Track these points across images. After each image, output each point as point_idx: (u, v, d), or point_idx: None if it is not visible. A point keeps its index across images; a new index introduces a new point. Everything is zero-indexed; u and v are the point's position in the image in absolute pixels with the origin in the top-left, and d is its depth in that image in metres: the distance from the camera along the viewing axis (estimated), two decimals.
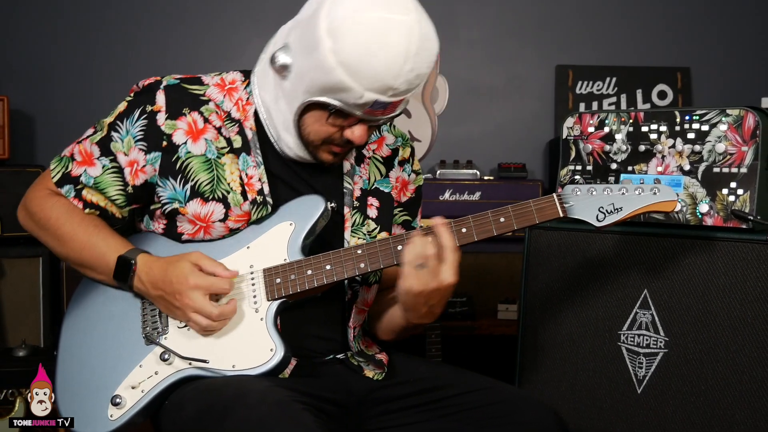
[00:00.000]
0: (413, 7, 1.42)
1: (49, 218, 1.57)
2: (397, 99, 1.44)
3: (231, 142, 1.57)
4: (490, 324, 3.10)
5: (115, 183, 1.56)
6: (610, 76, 3.59)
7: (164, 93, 1.56)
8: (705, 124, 1.78)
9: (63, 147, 1.64)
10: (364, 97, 1.41)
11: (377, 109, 1.44)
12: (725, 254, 1.73)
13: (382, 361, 1.66)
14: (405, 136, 1.79)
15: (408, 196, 1.78)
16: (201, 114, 1.57)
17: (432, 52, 1.44)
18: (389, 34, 1.37)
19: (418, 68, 1.41)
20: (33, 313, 2.94)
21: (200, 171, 1.55)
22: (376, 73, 1.38)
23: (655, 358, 1.81)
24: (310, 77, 1.43)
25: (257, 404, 1.32)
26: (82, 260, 1.57)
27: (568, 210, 1.49)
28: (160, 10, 3.45)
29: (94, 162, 1.57)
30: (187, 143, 1.55)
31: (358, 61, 1.37)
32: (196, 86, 1.60)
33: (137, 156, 1.55)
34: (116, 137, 1.56)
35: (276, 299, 1.51)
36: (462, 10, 3.60)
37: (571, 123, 1.99)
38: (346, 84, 1.40)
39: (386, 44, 1.37)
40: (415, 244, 1.45)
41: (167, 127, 1.55)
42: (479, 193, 3.22)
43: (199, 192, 1.54)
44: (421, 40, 1.40)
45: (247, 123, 1.59)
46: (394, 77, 1.39)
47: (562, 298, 1.97)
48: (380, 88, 1.40)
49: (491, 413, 1.54)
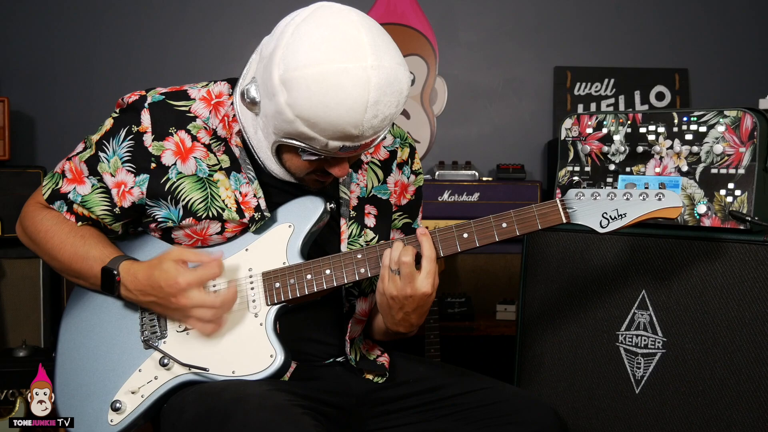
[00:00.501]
0: (371, 51, 1.31)
1: (39, 231, 1.55)
2: (365, 141, 1.38)
3: (220, 161, 1.53)
4: (489, 324, 3.11)
5: (102, 203, 1.53)
6: (608, 78, 3.60)
7: (149, 112, 1.49)
8: (703, 126, 1.78)
9: (63, 148, 1.64)
10: (329, 145, 1.36)
11: (347, 151, 1.39)
12: (723, 255, 1.72)
13: (384, 365, 1.65)
14: (404, 136, 1.74)
15: (408, 198, 1.74)
16: (188, 132, 1.52)
17: (397, 95, 1.35)
18: (344, 88, 1.28)
19: (382, 113, 1.33)
20: (33, 313, 2.96)
21: (193, 190, 1.51)
22: (335, 125, 1.31)
23: (653, 358, 1.81)
24: (274, 122, 1.38)
25: (257, 408, 1.31)
26: (73, 271, 1.54)
27: (572, 215, 1.46)
28: (160, 13, 3.46)
29: (84, 180, 1.53)
30: (176, 164, 1.51)
31: (314, 115, 1.31)
32: (182, 102, 1.52)
33: (125, 177, 1.51)
34: (103, 157, 1.51)
35: (275, 304, 1.49)
36: (461, 13, 3.61)
37: (569, 124, 1.98)
38: (308, 134, 1.34)
39: (342, 98, 1.29)
40: (394, 248, 1.45)
41: (155, 149, 1.50)
42: (478, 194, 3.23)
43: (192, 211, 1.51)
44: (381, 86, 1.31)
45: (233, 140, 1.54)
46: (355, 127, 1.32)
47: (561, 299, 1.97)
48: (343, 137, 1.34)
49: (491, 413, 1.54)
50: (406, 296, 1.45)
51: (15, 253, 2.91)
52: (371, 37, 1.33)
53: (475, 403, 1.56)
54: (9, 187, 2.84)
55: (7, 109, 2.98)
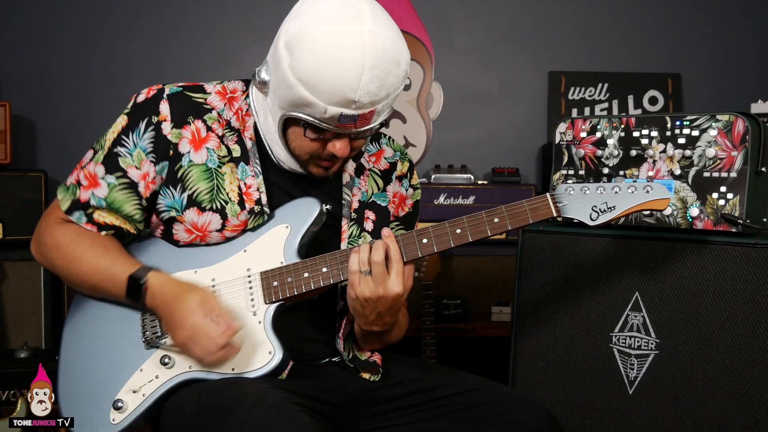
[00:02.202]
0: (369, 18, 1.38)
1: (60, 244, 1.54)
2: (363, 111, 1.42)
3: (231, 151, 1.57)
4: (484, 326, 3.13)
5: (129, 199, 1.54)
6: (602, 82, 3.62)
7: (168, 102, 1.55)
8: (695, 130, 1.79)
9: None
10: (328, 112, 1.40)
11: (347, 122, 1.43)
12: (715, 257, 1.73)
13: (377, 362, 1.67)
14: (403, 150, 1.79)
15: (406, 210, 1.78)
16: (204, 122, 1.56)
17: (394, 65, 1.40)
18: (342, 48, 1.35)
19: (378, 79, 1.38)
20: (34, 315, 2.98)
21: (200, 180, 1.54)
22: (332, 87, 1.36)
23: (646, 359, 1.82)
24: (279, 93, 1.44)
25: (256, 406, 1.33)
26: (93, 282, 1.54)
27: (562, 209, 1.49)
28: (160, 18, 3.47)
29: (99, 183, 1.54)
30: (189, 152, 1.54)
31: (313, 75, 1.36)
32: (199, 94, 1.58)
33: (148, 168, 1.53)
34: (124, 152, 1.54)
35: (273, 302, 1.51)
36: (457, 18, 3.63)
37: (563, 128, 1.99)
38: (308, 99, 1.39)
39: (339, 58, 1.35)
40: (361, 251, 1.47)
41: (173, 136, 1.54)
42: (473, 197, 3.25)
43: (196, 201, 1.53)
44: (377, 50, 1.36)
45: (247, 133, 1.59)
46: (351, 90, 1.37)
47: (555, 301, 1.98)
48: (341, 101, 1.38)
49: (486, 413, 1.55)
50: (378, 296, 1.46)
51: (16, 256, 2.93)
52: (372, 8, 1.41)
53: (470, 403, 1.57)
54: (11, 191, 2.86)
55: (9, 113, 2.99)
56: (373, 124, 1.47)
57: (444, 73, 3.58)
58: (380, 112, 1.45)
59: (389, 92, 1.42)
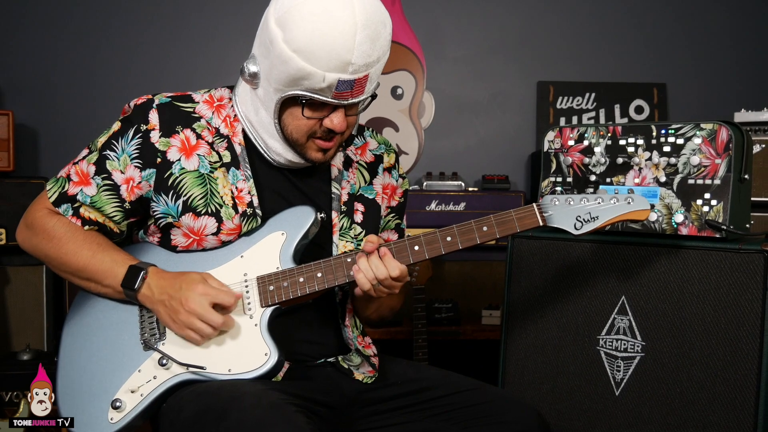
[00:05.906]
0: None
1: (53, 236, 1.58)
2: (358, 76, 1.46)
3: (221, 156, 1.60)
4: (475, 329, 3.14)
5: (111, 201, 1.58)
6: (590, 92, 3.65)
7: (157, 111, 1.59)
8: (680, 138, 1.80)
9: (65, 159, 1.66)
10: (326, 79, 1.44)
11: (344, 90, 1.47)
12: (699, 262, 1.75)
13: (375, 365, 1.69)
14: (387, 142, 1.83)
15: (397, 200, 1.82)
16: (193, 131, 1.60)
17: (383, 24, 1.46)
18: (332, 12, 1.40)
19: (370, 39, 1.43)
20: (37, 318, 3.02)
21: (194, 186, 1.57)
22: (329, 51, 1.41)
23: (632, 361, 1.83)
24: (275, 74, 1.47)
25: (252, 406, 1.34)
26: (86, 273, 1.57)
27: (548, 219, 1.55)
28: (159, 28, 3.48)
29: (90, 182, 1.58)
30: (180, 160, 1.57)
31: (309, 43, 1.41)
32: (187, 104, 1.62)
33: (133, 173, 1.57)
34: (112, 156, 1.58)
35: (269, 306, 1.54)
36: (448, 29, 3.65)
37: (551, 137, 2.01)
38: (306, 69, 1.43)
39: (332, 22, 1.40)
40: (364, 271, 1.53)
41: (161, 145, 1.57)
42: (464, 204, 3.27)
43: (191, 207, 1.56)
44: (366, 12, 1.43)
45: (236, 138, 1.62)
46: (348, 51, 1.42)
47: (544, 305, 1.99)
48: (338, 65, 1.43)
49: (477, 413, 1.58)
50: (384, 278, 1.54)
51: (19, 261, 2.98)
52: None
53: (461, 404, 1.60)
54: (13, 197, 2.92)
55: (12, 122, 3.02)
56: (366, 94, 1.52)
57: (435, 82, 3.60)
58: (372, 80, 1.50)
59: (379, 55, 1.47)
